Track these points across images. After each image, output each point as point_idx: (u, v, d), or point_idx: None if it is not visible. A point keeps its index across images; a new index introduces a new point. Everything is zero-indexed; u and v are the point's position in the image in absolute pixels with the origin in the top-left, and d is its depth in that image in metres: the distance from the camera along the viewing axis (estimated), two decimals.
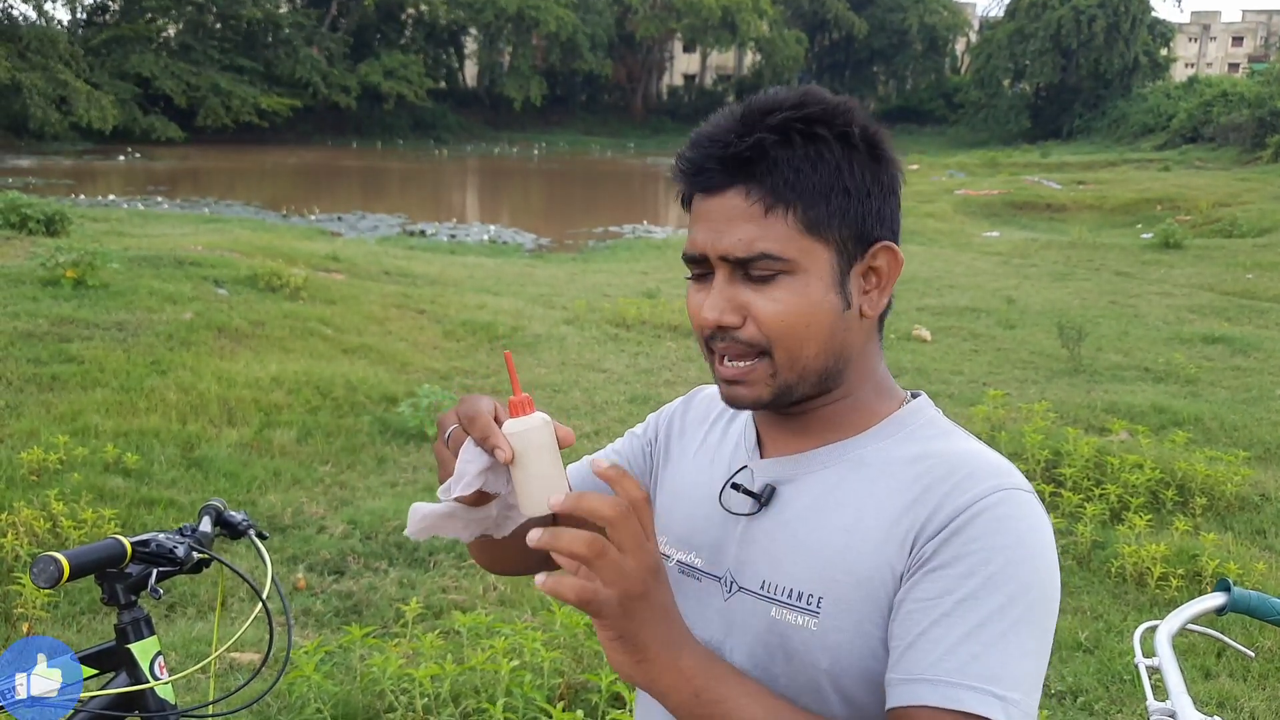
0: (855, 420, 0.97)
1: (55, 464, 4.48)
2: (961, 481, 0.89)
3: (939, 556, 0.86)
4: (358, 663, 3.05)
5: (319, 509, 4.58)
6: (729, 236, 0.90)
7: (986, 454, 0.93)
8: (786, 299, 0.90)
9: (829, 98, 0.92)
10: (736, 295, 0.91)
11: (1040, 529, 0.88)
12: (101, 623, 3.46)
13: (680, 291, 10.87)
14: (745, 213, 0.89)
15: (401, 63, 44.65)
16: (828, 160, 0.89)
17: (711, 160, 0.91)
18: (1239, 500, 4.91)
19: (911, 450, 0.94)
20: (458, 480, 0.89)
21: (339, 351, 7.07)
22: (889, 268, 0.94)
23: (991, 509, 0.86)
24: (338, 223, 18.71)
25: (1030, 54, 48.30)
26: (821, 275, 0.91)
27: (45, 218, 10.13)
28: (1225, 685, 3.37)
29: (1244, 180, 24.31)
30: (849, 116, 0.92)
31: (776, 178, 0.89)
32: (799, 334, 0.90)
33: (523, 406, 0.86)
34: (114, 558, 1.41)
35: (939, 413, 1.00)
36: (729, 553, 0.99)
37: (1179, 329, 9.48)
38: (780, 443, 1.00)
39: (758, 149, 0.89)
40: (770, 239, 0.89)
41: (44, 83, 33.40)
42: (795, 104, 0.91)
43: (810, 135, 0.90)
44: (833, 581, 0.90)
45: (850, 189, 0.90)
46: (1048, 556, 0.88)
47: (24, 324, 6.33)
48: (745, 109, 0.92)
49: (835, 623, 0.90)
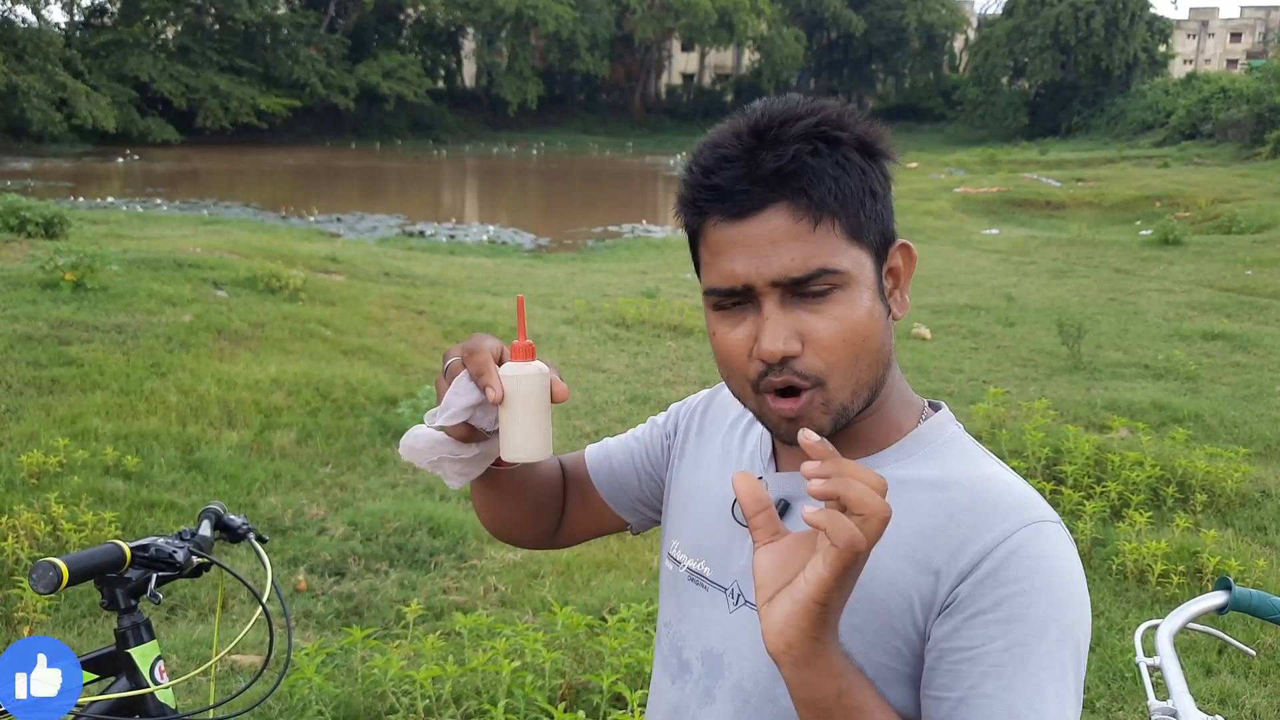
0: (877, 435, 0.94)
1: (55, 467, 4.47)
2: (987, 514, 0.86)
3: (977, 601, 0.83)
4: (359, 664, 3.05)
5: (319, 511, 4.58)
6: (779, 258, 0.84)
7: (1010, 482, 0.90)
8: (844, 314, 0.85)
9: (829, 103, 0.89)
10: (795, 321, 0.85)
11: (1072, 562, 0.86)
12: (101, 626, 3.46)
13: (680, 291, 10.91)
14: (792, 230, 0.84)
15: (400, 63, 44.64)
16: (854, 164, 0.86)
17: (742, 181, 0.85)
18: (1239, 497, 4.91)
19: (931, 472, 0.91)
20: (444, 410, 0.89)
21: (339, 353, 7.07)
22: (905, 265, 0.93)
23: (1024, 546, 0.84)
24: (337, 223, 18.71)
25: (1029, 51, 48.30)
26: (869, 283, 0.87)
27: (44, 220, 10.12)
28: (1227, 682, 3.37)
29: (1243, 176, 24.32)
30: (851, 118, 0.89)
31: (821, 188, 0.84)
32: (857, 350, 0.86)
33: (524, 352, 0.85)
34: (113, 563, 1.41)
35: (959, 428, 0.97)
36: (737, 564, 0.97)
37: (1179, 326, 9.48)
38: (797, 456, 0.95)
39: (796, 160, 0.84)
40: (825, 253, 0.84)
41: (43, 84, 33.40)
42: (808, 111, 0.87)
43: (833, 140, 0.86)
44: None
45: (875, 191, 0.88)
46: (1083, 588, 0.86)
47: (23, 327, 6.33)
48: (756, 124, 0.87)
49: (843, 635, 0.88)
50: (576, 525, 1.20)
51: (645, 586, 3.92)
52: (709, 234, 0.88)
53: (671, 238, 18.45)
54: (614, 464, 1.17)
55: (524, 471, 1.07)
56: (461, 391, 0.88)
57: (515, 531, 1.17)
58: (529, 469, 1.08)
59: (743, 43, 55.07)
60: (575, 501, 1.19)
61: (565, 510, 1.19)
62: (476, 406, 0.89)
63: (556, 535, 1.20)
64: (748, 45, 56.11)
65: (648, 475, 1.15)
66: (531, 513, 1.14)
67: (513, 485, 1.08)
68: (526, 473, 1.08)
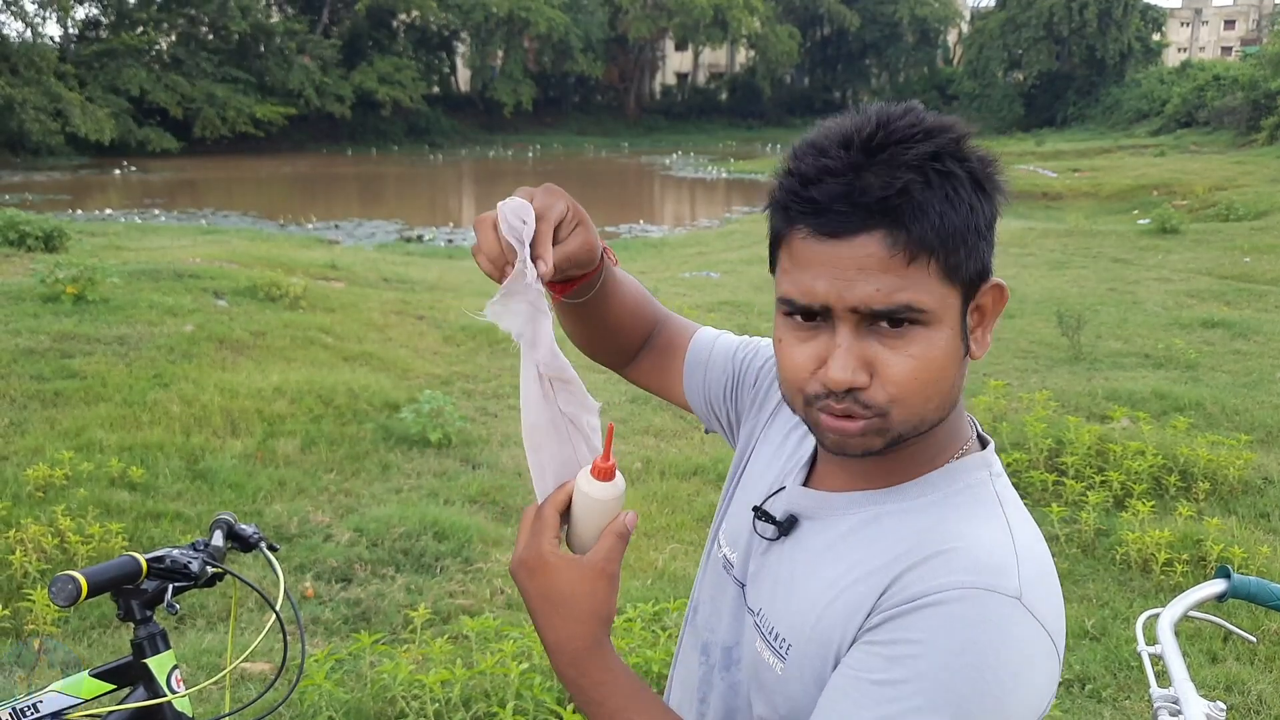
0: (908, 468, 0.89)
1: (61, 480, 4.49)
2: (937, 567, 0.81)
3: (878, 632, 0.81)
4: (368, 670, 3.07)
5: (324, 517, 4.59)
6: (864, 287, 0.79)
7: (989, 545, 0.82)
8: (920, 354, 0.81)
9: (950, 124, 0.82)
10: (865, 351, 0.81)
11: (1003, 643, 0.77)
12: (112, 636, 3.47)
13: (679, 290, 10.92)
14: (885, 262, 0.78)
15: (394, 68, 44.68)
16: (964, 200, 0.80)
17: (840, 201, 0.79)
18: (1242, 484, 4.92)
19: (926, 521, 0.86)
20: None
21: (340, 359, 7.09)
22: (994, 304, 0.87)
23: (947, 604, 0.78)
24: (335, 230, 18.74)
25: (1023, 43, 48.34)
26: (952, 323, 0.82)
27: (44, 234, 10.15)
28: (1232, 669, 3.38)
29: (1239, 164, 24.33)
30: (970, 147, 0.83)
31: (924, 225, 0.78)
32: (927, 390, 0.82)
33: (604, 473, 0.86)
34: (130, 574, 1.43)
35: (989, 475, 0.90)
36: (749, 566, 0.99)
37: (1178, 314, 9.50)
38: (827, 474, 0.95)
39: (904, 194, 0.78)
40: (914, 289, 0.79)
41: (38, 97, 33.47)
42: (923, 133, 0.80)
43: (946, 173, 0.80)
44: (801, 633, 0.87)
45: (980, 229, 0.82)
46: (1000, 675, 0.76)
47: (25, 341, 6.35)
48: (870, 136, 0.80)
49: (796, 673, 0.87)
50: (646, 380, 1.22)
51: (651, 587, 3.94)
52: (795, 243, 0.83)
53: (669, 237, 18.47)
54: (710, 373, 1.16)
55: (598, 307, 1.07)
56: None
57: (586, 346, 1.18)
58: (604, 306, 1.08)
59: (737, 40, 55.09)
60: (651, 361, 1.20)
61: (638, 360, 1.21)
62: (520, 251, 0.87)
63: (625, 371, 1.22)
64: (742, 43, 56.13)
65: (731, 400, 1.15)
66: (600, 341, 1.16)
67: (584, 312, 1.08)
68: (600, 308, 1.08)
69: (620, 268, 1.09)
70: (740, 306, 10.02)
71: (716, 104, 59.99)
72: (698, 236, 18.29)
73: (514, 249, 0.86)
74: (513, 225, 0.86)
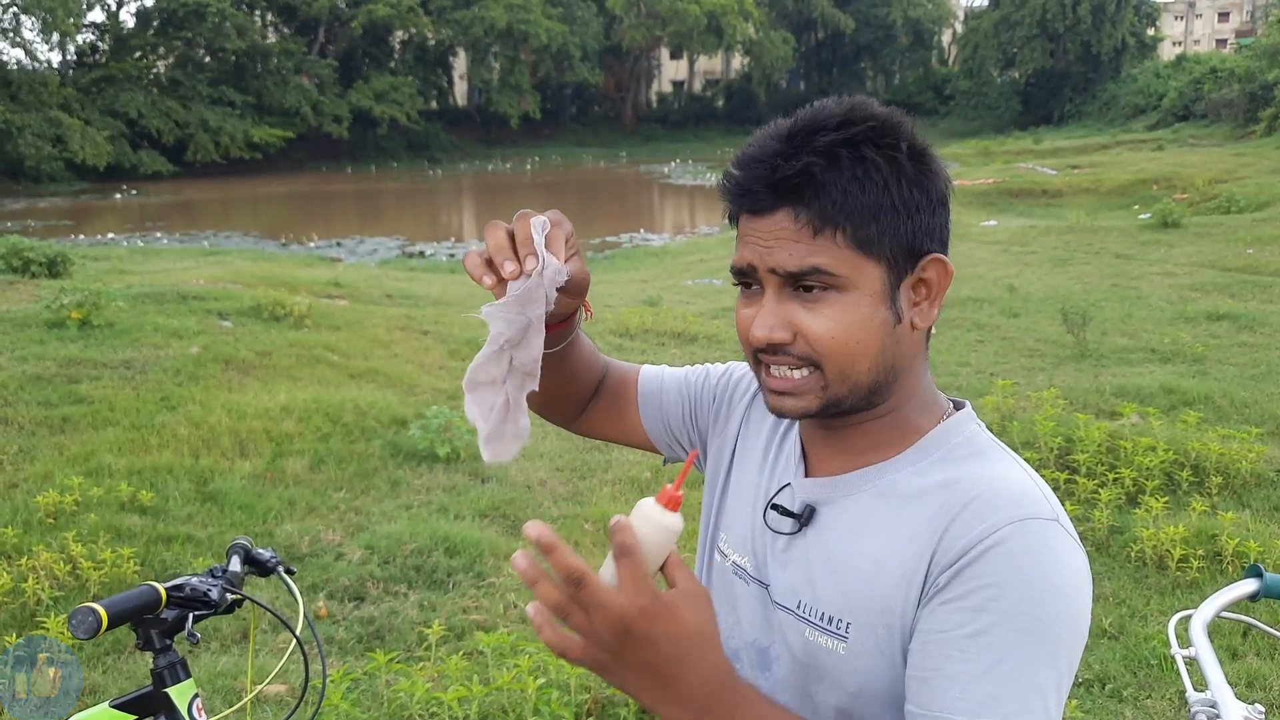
0: (897, 438, 0.96)
1: (71, 505, 4.49)
2: (980, 510, 0.87)
3: (951, 589, 0.86)
4: (384, 689, 3.06)
5: (335, 536, 4.58)
6: (778, 253, 0.90)
7: (1011, 479, 0.91)
8: (837, 316, 0.90)
9: (877, 113, 0.92)
10: (787, 312, 0.91)
11: (1061, 561, 0.86)
12: (127, 663, 3.47)
13: (681, 298, 10.92)
14: (794, 234, 0.89)
15: (392, 85, 44.84)
16: (875, 180, 0.89)
17: (758, 183, 0.91)
18: (1255, 477, 4.90)
19: (944, 474, 0.93)
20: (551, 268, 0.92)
21: (346, 377, 7.09)
22: (939, 279, 0.94)
23: (1005, 541, 0.85)
24: (337, 248, 18.78)
25: (1018, 41, 48.44)
26: (872, 291, 0.90)
27: (47, 260, 10.16)
28: (1253, 665, 3.36)
29: (1239, 155, 24.31)
30: (896, 133, 0.91)
31: (825, 201, 0.88)
32: (850, 351, 0.90)
33: (671, 501, 0.83)
34: (150, 604, 1.42)
35: (980, 427, 0.99)
36: (766, 565, 1.01)
37: (1183, 308, 9.47)
38: (824, 461, 1.00)
39: (804, 174, 0.88)
40: (820, 255, 0.89)
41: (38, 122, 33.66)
42: (841, 123, 0.90)
43: (858, 157, 0.89)
44: (860, 608, 0.91)
45: (899, 206, 0.90)
46: (1067, 591, 0.85)
47: (32, 367, 6.36)
48: (791, 128, 0.91)
49: (862, 648, 0.91)
50: (599, 427, 1.25)
51: None
52: (740, 222, 0.95)
53: (670, 245, 18.49)
54: (665, 400, 1.20)
55: (566, 357, 1.11)
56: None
57: (546, 400, 1.18)
58: (572, 354, 1.13)
59: (731, 47, 55.21)
60: (604, 407, 1.23)
61: (591, 407, 1.24)
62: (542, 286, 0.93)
63: (576, 424, 1.25)
64: (737, 49, 56.25)
65: (691, 422, 1.19)
66: (562, 393, 1.18)
67: (554, 363, 1.10)
68: (569, 357, 1.12)
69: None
70: None
71: (713, 111, 60.11)
72: (698, 244, 18.30)
73: (528, 242, 0.92)
74: (534, 226, 0.94)
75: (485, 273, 0.93)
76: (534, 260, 0.92)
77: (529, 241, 0.93)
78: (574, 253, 0.98)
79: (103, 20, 43.42)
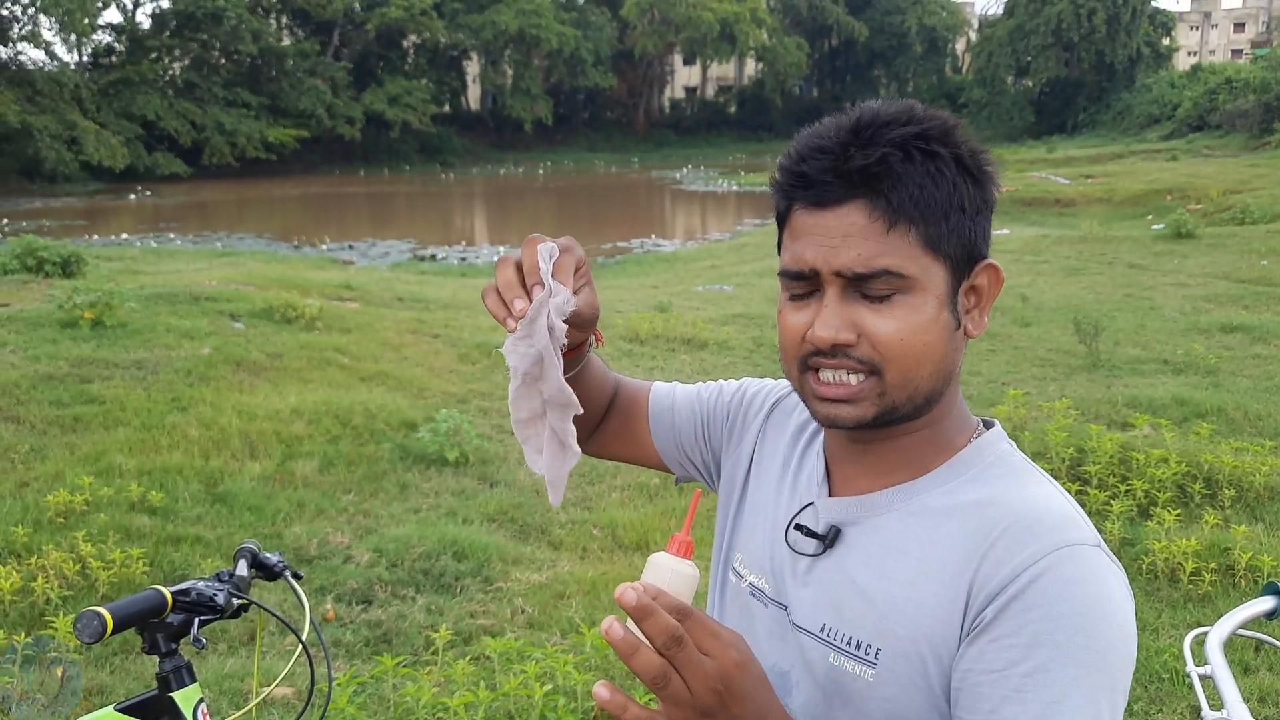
0: (929, 455, 0.93)
1: (81, 505, 4.50)
2: (1020, 536, 0.84)
3: (1000, 625, 0.82)
4: (391, 693, 3.05)
5: (344, 539, 4.59)
6: (847, 252, 0.86)
7: (1051, 501, 0.88)
8: (904, 317, 0.86)
9: (941, 115, 0.90)
10: (852, 313, 0.87)
11: (1108, 589, 0.83)
12: (134, 664, 3.47)
13: (692, 304, 10.91)
14: (866, 229, 0.86)
15: (405, 89, 45.02)
16: (946, 178, 0.87)
17: (827, 173, 0.87)
18: (1268, 491, 4.86)
19: (977, 494, 0.90)
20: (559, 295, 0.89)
21: (356, 380, 7.10)
22: (990, 286, 0.92)
23: (1053, 570, 0.82)
24: (349, 251, 18.84)
25: (1032, 49, 48.33)
26: (938, 293, 0.88)
27: (61, 260, 10.23)
28: (1265, 680, 3.33)
29: (1253, 166, 24.19)
30: (959, 134, 0.89)
31: (902, 194, 0.85)
32: (916, 354, 0.87)
33: (683, 548, 0.83)
34: (155, 609, 1.42)
35: (1011, 446, 0.96)
36: (787, 587, 0.98)
37: (1196, 319, 9.42)
38: (850, 480, 0.97)
39: (882, 163, 0.85)
40: (892, 255, 0.86)
41: (55, 124, 33.92)
42: (911, 119, 0.88)
43: (930, 153, 0.87)
44: (891, 634, 0.88)
45: (965, 207, 0.88)
46: (1118, 618, 0.83)
47: (44, 366, 6.39)
48: (858, 121, 0.88)
49: (891, 675, 0.88)
50: (611, 447, 1.23)
51: None
52: (793, 219, 0.90)
53: (681, 251, 18.49)
54: (676, 418, 1.18)
55: (581, 382, 1.08)
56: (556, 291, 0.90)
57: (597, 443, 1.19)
58: (585, 378, 1.10)
59: (744, 53, 55.27)
60: (615, 427, 1.21)
61: (602, 428, 1.21)
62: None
63: (587, 446, 1.21)
64: (750, 55, 56.29)
65: (704, 440, 1.16)
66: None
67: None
68: (583, 382, 1.09)
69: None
70: (754, 319, 10.00)
71: (725, 117, 60.15)
72: (709, 250, 18.30)
73: (535, 271, 0.90)
74: (540, 254, 0.92)
75: (506, 315, 0.90)
76: (540, 289, 0.89)
77: (536, 270, 0.90)
78: (585, 282, 0.95)
79: (119, 22, 43.76)
